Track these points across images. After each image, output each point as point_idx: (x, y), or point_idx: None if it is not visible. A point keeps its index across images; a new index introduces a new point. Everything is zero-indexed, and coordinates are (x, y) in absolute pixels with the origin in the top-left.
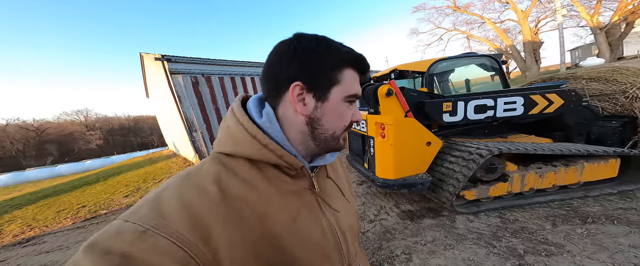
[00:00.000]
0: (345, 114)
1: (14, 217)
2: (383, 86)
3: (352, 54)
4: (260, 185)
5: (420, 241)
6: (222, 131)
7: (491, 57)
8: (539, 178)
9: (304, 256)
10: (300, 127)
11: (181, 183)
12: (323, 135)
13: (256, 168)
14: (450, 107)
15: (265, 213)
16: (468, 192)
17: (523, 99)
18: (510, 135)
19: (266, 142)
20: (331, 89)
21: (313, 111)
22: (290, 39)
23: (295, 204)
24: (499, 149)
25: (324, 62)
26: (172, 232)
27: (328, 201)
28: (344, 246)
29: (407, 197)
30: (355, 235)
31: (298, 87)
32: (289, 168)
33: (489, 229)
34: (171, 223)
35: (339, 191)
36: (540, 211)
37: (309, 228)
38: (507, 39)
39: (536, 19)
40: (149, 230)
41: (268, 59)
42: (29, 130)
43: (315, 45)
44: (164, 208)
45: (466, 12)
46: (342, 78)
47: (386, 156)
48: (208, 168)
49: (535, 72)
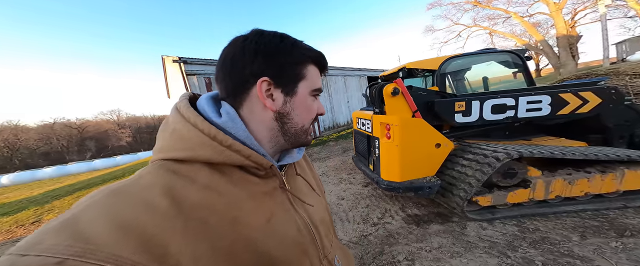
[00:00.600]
0: (312, 107)
1: (53, 207)
2: (389, 85)
3: (314, 51)
4: (225, 189)
5: (425, 248)
6: (166, 135)
7: (513, 52)
8: (567, 186)
9: (282, 254)
10: (269, 123)
11: (109, 200)
12: (293, 129)
13: (218, 173)
14: (464, 106)
15: (235, 217)
16: (482, 198)
17: (550, 98)
18: (535, 137)
19: (229, 142)
20: (298, 84)
21: (282, 106)
22: (250, 34)
23: (268, 204)
24: (519, 153)
25: (290, 58)
26: (105, 256)
27: (301, 197)
28: (319, 240)
29: (414, 201)
30: (328, 227)
31: (265, 82)
32: (257, 168)
33: (503, 238)
34: (102, 247)
35: (309, 186)
36: (568, 221)
37: (284, 227)
38: (537, 33)
39: (572, 11)
40: (69, 260)
41: (225, 54)
42: (72, 128)
43: (279, 41)
44: (87, 231)
45: (488, 6)
46: (307, 74)
47: (391, 157)
48: (151, 179)
49: (572, 68)
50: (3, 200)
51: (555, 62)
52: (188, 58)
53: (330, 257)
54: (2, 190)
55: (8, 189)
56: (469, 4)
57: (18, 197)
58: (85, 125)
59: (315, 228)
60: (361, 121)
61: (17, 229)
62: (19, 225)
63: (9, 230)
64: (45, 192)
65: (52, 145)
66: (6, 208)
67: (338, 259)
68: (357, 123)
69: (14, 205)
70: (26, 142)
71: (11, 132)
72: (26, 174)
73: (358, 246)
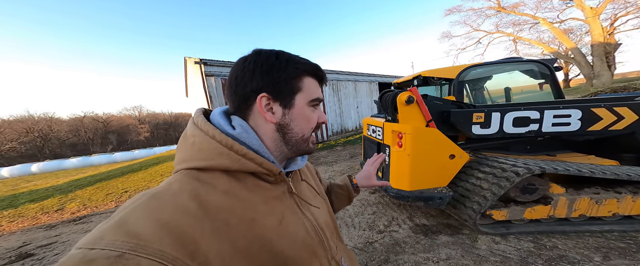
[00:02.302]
0: (311, 117)
1: (75, 196)
2: (403, 93)
3: (309, 64)
4: (242, 194)
5: (432, 258)
6: (187, 146)
7: (540, 62)
8: (594, 205)
9: (294, 254)
10: (271, 134)
11: (150, 204)
12: (294, 139)
13: (235, 179)
14: (482, 118)
15: (252, 219)
16: (497, 212)
17: (581, 112)
18: (560, 153)
19: (244, 152)
20: (295, 97)
21: (282, 118)
22: (250, 55)
23: (279, 208)
24: (542, 168)
25: (285, 73)
26: (153, 252)
27: (307, 201)
28: (326, 242)
29: (423, 211)
30: (332, 230)
31: (264, 97)
32: (268, 174)
33: (517, 253)
34: (150, 243)
35: (314, 191)
36: (591, 241)
37: (294, 229)
38: (568, 40)
39: (611, 16)
40: (127, 253)
41: (231, 75)
42: (98, 122)
43: (275, 59)
44: (137, 230)
45: (514, 12)
46: (303, 86)
47: (402, 166)
48: (180, 186)
49: (607, 79)
50: (31, 187)
51: (587, 72)
52: (208, 60)
53: (337, 258)
54: (31, 178)
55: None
56: (491, 9)
57: (45, 184)
58: (110, 119)
59: (322, 230)
60: (372, 128)
61: (42, 216)
62: (44, 212)
63: (35, 216)
64: (70, 181)
65: (80, 137)
66: (34, 195)
67: (344, 260)
68: (368, 130)
69: (41, 192)
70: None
71: (46, 123)
72: (54, 163)
73: (363, 253)
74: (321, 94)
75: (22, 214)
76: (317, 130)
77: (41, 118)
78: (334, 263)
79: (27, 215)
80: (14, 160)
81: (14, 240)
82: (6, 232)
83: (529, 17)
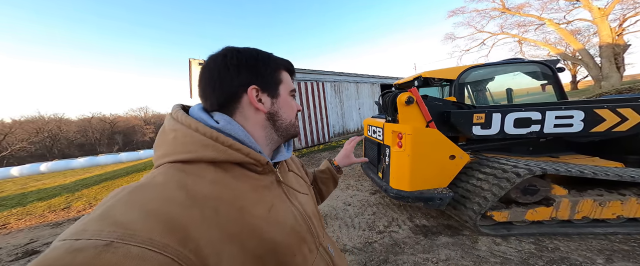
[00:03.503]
0: (292, 105)
1: (82, 195)
2: (403, 93)
3: (285, 60)
4: (230, 183)
5: (431, 259)
6: (167, 141)
7: (543, 63)
8: (597, 207)
9: (284, 240)
10: (262, 123)
11: (134, 195)
12: (284, 124)
13: (221, 170)
14: (483, 118)
15: (242, 206)
16: (497, 213)
17: (583, 114)
18: (563, 154)
19: (230, 142)
20: (279, 87)
21: (271, 107)
22: (227, 52)
23: (268, 196)
24: (543, 169)
25: (269, 67)
26: (143, 240)
27: (295, 189)
28: (314, 229)
29: (423, 211)
30: (319, 220)
31: (254, 89)
32: (255, 164)
33: (518, 255)
34: (139, 232)
35: (301, 180)
36: (594, 243)
37: (283, 217)
38: (575, 41)
39: (620, 17)
40: (115, 242)
41: (210, 73)
42: (105, 122)
43: (257, 54)
44: (123, 219)
45: (519, 13)
46: (283, 78)
47: (402, 166)
48: (165, 177)
49: (616, 81)
50: (40, 186)
51: (596, 73)
52: None
53: (324, 244)
54: (40, 177)
55: (45, 176)
56: (496, 10)
57: (53, 184)
58: (117, 120)
59: (309, 217)
60: (372, 128)
61: (49, 214)
62: (51, 211)
63: (42, 214)
64: (77, 181)
65: (88, 137)
66: (42, 193)
67: (330, 246)
68: (368, 131)
69: (49, 191)
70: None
71: (56, 124)
72: (62, 163)
73: (362, 253)
74: (294, 86)
75: (30, 212)
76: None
77: (51, 119)
78: (322, 248)
79: (35, 213)
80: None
81: (21, 237)
82: (14, 229)
83: (534, 18)
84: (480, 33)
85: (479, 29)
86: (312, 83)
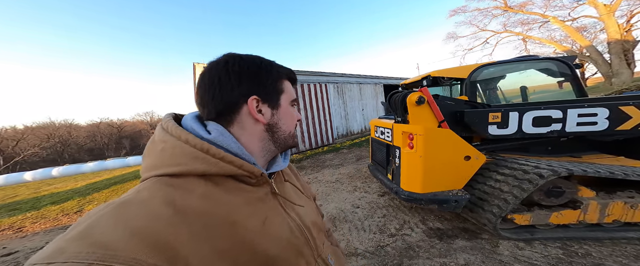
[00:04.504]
0: (293, 115)
1: (93, 199)
2: (413, 93)
3: (287, 69)
4: (221, 197)
5: (449, 263)
6: (155, 152)
7: (559, 60)
8: (629, 210)
9: (279, 254)
10: (260, 135)
11: (118, 212)
12: (282, 136)
13: (212, 183)
14: (499, 117)
15: (234, 221)
16: (519, 216)
17: (608, 111)
18: (586, 154)
19: (222, 155)
20: (280, 97)
21: (271, 118)
22: (229, 59)
23: (262, 209)
24: (569, 170)
25: (270, 77)
26: (126, 260)
27: (291, 201)
28: (312, 241)
29: (436, 214)
30: (319, 229)
31: (255, 100)
32: (249, 176)
33: (545, 260)
34: (121, 252)
35: (298, 191)
36: (628, 248)
37: (278, 229)
38: (582, 38)
39: (627, 13)
40: (94, 264)
41: (209, 80)
42: (113, 127)
43: (260, 63)
44: (104, 239)
45: (521, 11)
46: (285, 88)
47: (414, 168)
48: (150, 193)
49: (627, 77)
50: (52, 190)
51: (605, 70)
52: None
53: (323, 256)
54: (52, 181)
55: (57, 180)
56: (498, 9)
57: (65, 188)
58: (124, 125)
59: (307, 229)
60: (380, 129)
61: (63, 217)
62: (64, 214)
63: (56, 217)
64: (87, 184)
65: (96, 142)
66: (55, 197)
67: (330, 257)
68: (376, 132)
69: (61, 195)
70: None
71: (66, 129)
72: (72, 167)
73: (374, 257)
74: (296, 95)
75: (44, 215)
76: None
77: (61, 125)
78: (320, 260)
79: (49, 216)
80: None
81: (38, 241)
82: (30, 233)
83: (538, 16)
84: (482, 32)
85: (482, 28)
86: (315, 85)
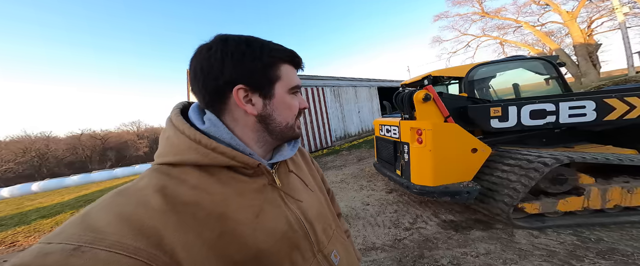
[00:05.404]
0: (292, 105)
1: None
2: (419, 91)
3: (285, 51)
4: (213, 188)
5: (470, 253)
6: (162, 142)
7: (545, 59)
8: (626, 194)
9: (270, 247)
10: (253, 126)
11: (113, 199)
12: (278, 128)
13: (206, 174)
14: (500, 111)
15: (223, 213)
16: (529, 205)
17: (594, 104)
18: (577, 144)
19: (213, 145)
20: (274, 86)
21: (263, 109)
22: (213, 43)
23: (258, 201)
24: (570, 158)
25: (261, 61)
26: (111, 243)
27: (292, 194)
28: (312, 235)
29: (447, 207)
30: (327, 223)
31: (242, 89)
32: (244, 167)
33: (562, 247)
34: (108, 236)
35: (303, 183)
36: (634, 232)
37: (273, 222)
38: (551, 42)
39: (587, 19)
40: (83, 246)
41: (194, 67)
42: (96, 139)
43: (246, 46)
44: (96, 224)
45: (497, 17)
46: (282, 74)
47: (424, 162)
48: (147, 181)
49: (594, 77)
50: (37, 205)
51: (574, 71)
52: None
53: (325, 251)
54: (34, 197)
55: (38, 196)
56: (476, 14)
57: (51, 202)
58: (108, 136)
59: (309, 223)
60: (386, 128)
61: None
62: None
63: (51, 230)
64: (77, 197)
65: (78, 154)
66: (43, 212)
67: (336, 253)
68: (380, 130)
69: (49, 209)
70: (55, 151)
71: (43, 142)
72: (54, 182)
73: (394, 250)
74: (299, 81)
75: (38, 229)
76: (300, 116)
77: (38, 138)
78: (321, 256)
79: (43, 230)
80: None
81: None
82: (27, 245)
83: (512, 21)
84: (464, 36)
85: (463, 32)
86: (313, 89)
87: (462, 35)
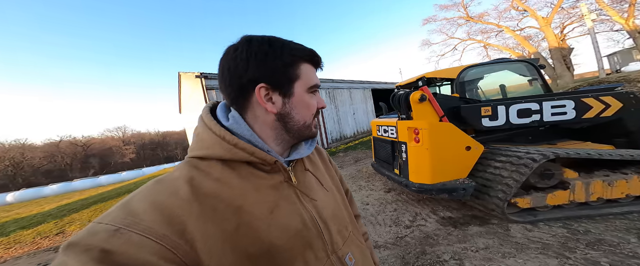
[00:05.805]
0: (311, 104)
1: (72, 219)
2: (415, 92)
3: (304, 50)
4: (233, 182)
5: (470, 248)
6: (194, 137)
7: (528, 61)
8: (607, 187)
9: (284, 243)
10: (272, 124)
11: (152, 187)
12: (296, 127)
13: (229, 168)
14: (490, 111)
15: (240, 206)
16: (521, 200)
17: (573, 103)
18: (559, 141)
19: (235, 141)
20: (294, 84)
21: (282, 107)
22: (239, 43)
23: (273, 197)
24: (555, 153)
25: (281, 61)
26: (144, 228)
27: (307, 192)
28: (327, 235)
29: (444, 204)
30: (343, 224)
31: (263, 88)
32: (262, 163)
33: (555, 239)
34: (142, 221)
35: (318, 182)
36: (617, 223)
37: (287, 219)
38: (529, 46)
39: (560, 25)
40: (121, 228)
41: (222, 66)
42: (77, 146)
43: (268, 46)
44: (135, 209)
45: (480, 21)
46: (301, 73)
47: (421, 160)
48: (179, 172)
49: (569, 79)
50: (14, 215)
51: (551, 73)
52: (208, 73)
53: (340, 253)
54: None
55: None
56: (462, 19)
57: (29, 212)
58: (91, 142)
59: (323, 222)
60: (383, 128)
61: (42, 240)
62: (43, 237)
63: (33, 241)
64: (59, 207)
65: (56, 163)
66: (23, 222)
67: (351, 256)
68: (378, 131)
69: (28, 219)
70: (31, 160)
71: (18, 151)
72: (31, 191)
73: (396, 247)
74: (318, 80)
75: (18, 240)
76: (317, 115)
77: (12, 146)
78: (335, 257)
79: (25, 240)
80: None
81: (24, 264)
82: (9, 258)
83: (494, 26)
84: (451, 39)
85: (450, 36)
86: None
87: (449, 38)
